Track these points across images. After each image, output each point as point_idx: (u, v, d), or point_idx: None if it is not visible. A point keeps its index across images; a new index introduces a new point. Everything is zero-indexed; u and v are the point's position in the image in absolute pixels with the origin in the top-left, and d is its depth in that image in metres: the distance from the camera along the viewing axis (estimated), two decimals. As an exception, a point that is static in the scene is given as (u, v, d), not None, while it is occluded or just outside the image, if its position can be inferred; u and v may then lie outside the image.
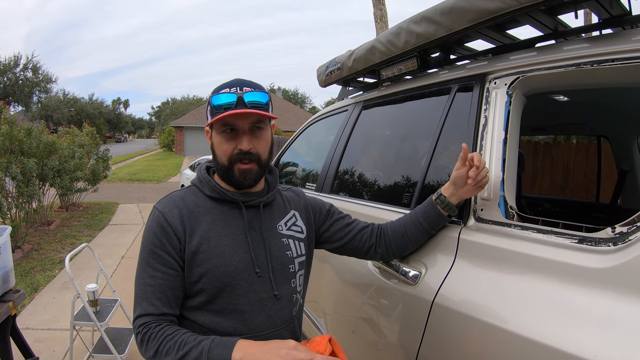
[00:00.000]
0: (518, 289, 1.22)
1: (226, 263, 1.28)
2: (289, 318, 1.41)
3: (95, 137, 11.08)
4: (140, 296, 1.26)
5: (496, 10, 1.48)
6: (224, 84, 1.34)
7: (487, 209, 1.42)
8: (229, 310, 1.29)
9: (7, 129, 6.39)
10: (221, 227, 1.33)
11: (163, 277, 1.26)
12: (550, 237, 1.22)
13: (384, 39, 2.08)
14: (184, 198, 1.36)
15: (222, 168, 1.35)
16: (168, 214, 1.29)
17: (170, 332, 1.20)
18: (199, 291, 1.28)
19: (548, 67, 1.42)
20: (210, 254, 1.27)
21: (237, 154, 1.31)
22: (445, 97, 1.81)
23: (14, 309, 2.51)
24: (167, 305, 1.26)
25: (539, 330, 1.09)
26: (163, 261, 1.26)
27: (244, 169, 1.32)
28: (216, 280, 1.27)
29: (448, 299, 1.39)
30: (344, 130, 2.64)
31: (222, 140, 1.32)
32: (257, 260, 1.34)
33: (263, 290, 1.33)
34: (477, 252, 1.39)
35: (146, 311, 1.24)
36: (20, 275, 5.48)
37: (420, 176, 1.80)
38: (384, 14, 9.85)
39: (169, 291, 1.26)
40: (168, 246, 1.27)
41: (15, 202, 6.51)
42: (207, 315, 1.29)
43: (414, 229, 1.56)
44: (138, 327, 1.23)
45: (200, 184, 1.39)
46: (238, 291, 1.29)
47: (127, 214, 10.29)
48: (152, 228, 1.29)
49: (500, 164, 1.43)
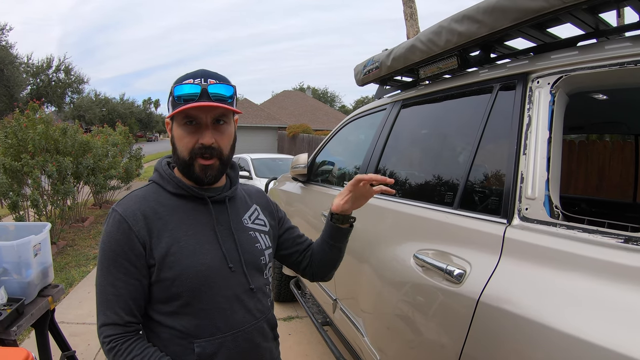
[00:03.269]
0: (564, 287, 1.21)
1: (199, 262, 1.24)
2: (266, 308, 1.40)
3: (128, 136, 11.30)
4: (102, 304, 1.22)
5: (539, 10, 1.46)
6: (187, 74, 1.28)
7: (532, 208, 1.41)
8: (208, 310, 1.25)
9: (44, 129, 6.56)
10: (189, 225, 1.28)
11: (125, 286, 1.21)
12: (596, 236, 1.21)
13: (424, 37, 2.07)
14: (146, 198, 1.30)
15: (182, 163, 1.29)
16: (130, 218, 1.22)
17: (139, 352, 1.19)
18: (174, 295, 1.23)
19: (591, 67, 1.40)
20: (181, 255, 1.23)
21: (199, 149, 1.25)
22: (487, 96, 1.80)
23: (52, 303, 2.57)
24: (130, 314, 1.22)
25: (587, 330, 1.08)
26: (125, 270, 1.21)
27: (204, 165, 1.27)
28: (190, 281, 1.22)
29: (494, 298, 1.38)
30: (382, 129, 2.64)
31: (183, 134, 1.26)
32: (229, 255, 1.31)
33: (238, 284, 1.31)
34: (523, 251, 1.38)
35: (111, 320, 1.20)
36: (55, 271, 5.58)
37: (462, 175, 1.80)
38: (414, 11, 9.79)
39: (131, 301, 1.22)
40: (130, 254, 1.21)
41: (50, 200, 6.68)
42: (186, 319, 1.25)
43: (327, 248, 1.54)
44: (104, 337, 1.20)
45: (163, 181, 1.34)
46: (214, 289, 1.26)
47: (157, 212, 10.39)
48: (113, 234, 1.22)
49: (545, 163, 1.42)
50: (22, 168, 6.15)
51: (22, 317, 2.25)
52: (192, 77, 1.24)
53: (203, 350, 1.23)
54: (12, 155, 6.47)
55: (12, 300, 2.25)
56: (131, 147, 11.36)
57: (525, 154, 1.49)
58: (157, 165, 1.39)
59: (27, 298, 2.36)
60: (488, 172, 1.75)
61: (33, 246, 2.40)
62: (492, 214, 1.58)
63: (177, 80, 1.27)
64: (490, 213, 1.60)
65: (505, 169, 1.57)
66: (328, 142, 3.71)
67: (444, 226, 1.77)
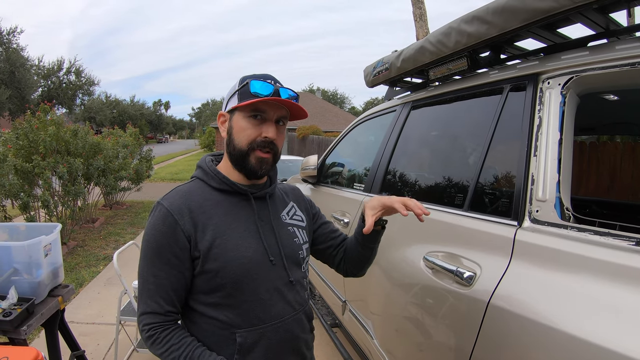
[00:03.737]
0: (575, 290, 1.20)
1: (242, 255, 1.28)
2: (304, 301, 1.45)
3: (139, 137, 11.34)
4: (144, 293, 1.27)
5: (549, 10, 1.45)
6: (256, 75, 1.33)
7: (543, 210, 1.40)
8: (250, 301, 1.29)
9: (55, 130, 6.60)
10: (232, 220, 1.33)
11: (167, 277, 1.25)
12: (607, 239, 1.20)
13: (433, 39, 2.06)
14: (190, 192, 1.34)
15: (238, 153, 1.33)
16: (176, 212, 1.27)
17: (177, 341, 1.24)
18: (217, 286, 1.27)
19: (602, 67, 1.39)
20: (225, 248, 1.27)
21: (261, 141, 1.31)
22: (497, 97, 1.79)
23: (62, 303, 2.59)
24: (171, 304, 1.27)
25: (598, 333, 1.07)
26: (168, 262, 1.25)
27: (262, 158, 1.32)
28: (234, 273, 1.26)
29: (504, 301, 1.37)
30: (392, 131, 2.64)
31: (247, 125, 1.31)
32: (270, 249, 1.35)
33: (278, 277, 1.35)
34: (533, 253, 1.37)
35: (151, 309, 1.25)
36: (65, 271, 5.64)
37: (473, 177, 1.79)
38: (424, 12, 9.75)
39: (172, 291, 1.27)
40: (175, 247, 1.25)
41: (61, 200, 6.73)
42: (228, 310, 1.29)
43: (360, 248, 1.55)
44: (144, 325, 1.26)
45: (207, 177, 1.38)
46: (256, 281, 1.30)
47: (168, 213, 10.42)
48: (158, 227, 1.26)
49: (556, 164, 1.41)
50: (33, 169, 6.20)
51: (32, 317, 2.27)
52: (263, 78, 1.31)
53: (244, 340, 1.27)
54: (24, 156, 6.52)
55: (23, 300, 2.28)
56: (141, 148, 11.39)
57: (536, 156, 1.48)
58: (201, 162, 1.44)
59: (37, 298, 2.38)
60: (498, 173, 1.74)
61: (44, 246, 2.42)
62: (503, 216, 1.57)
63: (247, 77, 1.32)
64: (501, 215, 1.59)
65: (516, 171, 1.56)
66: (338, 143, 3.70)
67: (454, 228, 1.76)
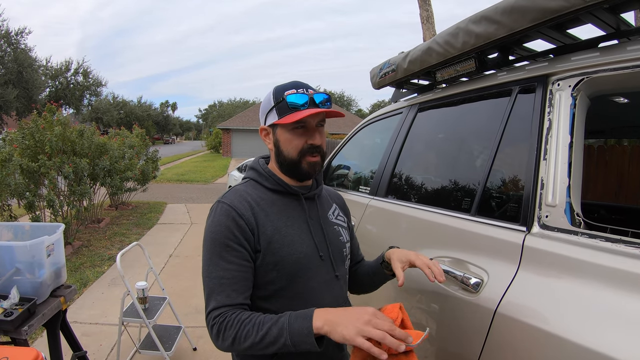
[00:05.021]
0: (584, 299, 1.17)
1: (296, 250, 1.37)
2: (346, 295, 1.56)
3: (145, 138, 11.39)
4: (214, 290, 1.30)
5: (559, 9, 1.42)
6: (286, 85, 1.41)
7: (553, 216, 1.37)
8: (301, 293, 1.37)
9: (61, 130, 6.63)
10: (286, 218, 1.41)
11: (238, 269, 1.31)
12: (619, 245, 1.17)
13: (440, 39, 2.03)
14: (247, 192, 1.42)
15: (289, 162, 1.41)
16: (239, 207, 1.34)
17: (247, 317, 1.25)
18: (272, 279, 1.35)
19: (613, 68, 1.36)
20: (282, 243, 1.35)
21: (309, 148, 1.39)
22: (505, 99, 1.75)
23: (64, 304, 2.59)
24: (242, 296, 1.31)
25: (606, 343, 1.04)
26: (237, 254, 1.31)
27: (313, 162, 1.40)
28: (289, 267, 1.35)
29: (511, 309, 1.34)
30: (399, 133, 2.61)
31: (293, 137, 1.38)
32: (319, 245, 1.44)
33: (326, 272, 1.44)
34: (542, 260, 1.34)
35: (222, 303, 1.28)
36: (70, 271, 5.67)
37: (481, 181, 1.76)
38: (430, 14, 9.73)
39: (243, 282, 1.32)
40: (242, 239, 1.31)
41: (67, 200, 6.75)
42: (280, 301, 1.36)
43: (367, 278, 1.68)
44: (214, 318, 1.27)
45: (261, 178, 1.47)
46: (308, 275, 1.38)
47: (175, 214, 10.52)
48: (223, 222, 1.32)
49: (566, 168, 1.38)
50: (39, 169, 6.22)
51: (34, 317, 2.26)
52: (294, 87, 1.38)
53: None
54: (30, 156, 6.54)
55: (24, 300, 2.27)
56: (148, 149, 11.43)
57: (546, 159, 1.45)
58: (254, 164, 1.53)
59: (39, 298, 2.38)
60: (507, 177, 1.70)
61: (46, 246, 2.42)
62: (511, 221, 1.54)
63: (278, 90, 1.40)
64: (509, 220, 1.55)
65: (525, 175, 1.53)
66: (343, 146, 3.67)
67: (461, 233, 1.73)
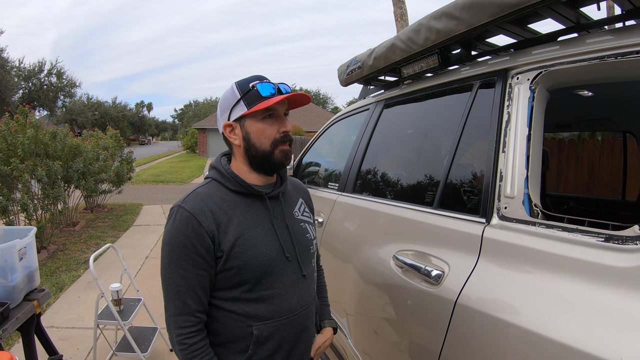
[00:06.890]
0: (543, 288, 1.19)
1: (260, 253, 1.34)
2: (314, 294, 1.55)
3: (119, 139, 11.24)
4: (172, 296, 1.31)
5: (517, 4, 1.44)
6: (249, 78, 1.40)
7: (511, 207, 1.39)
8: (267, 296, 1.36)
9: (33, 133, 6.50)
10: (250, 220, 1.38)
11: (195, 277, 1.30)
12: (576, 235, 1.19)
13: (403, 36, 2.04)
14: (209, 195, 1.38)
15: (262, 155, 1.39)
16: (199, 215, 1.30)
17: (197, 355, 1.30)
18: (237, 283, 1.33)
19: (571, 61, 1.38)
20: (246, 247, 1.33)
21: (282, 137, 1.39)
22: (467, 94, 1.78)
23: (38, 307, 2.56)
24: (199, 303, 1.32)
25: (565, 331, 1.06)
26: (195, 263, 1.29)
27: (286, 150, 1.41)
28: (254, 271, 1.33)
29: (471, 299, 1.36)
30: (365, 130, 2.62)
31: (265, 127, 1.37)
32: (285, 245, 1.42)
33: (293, 272, 1.43)
34: (501, 251, 1.36)
35: (180, 311, 1.30)
36: (45, 275, 5.57)
37: (443, 174, 1.78)
38: (404, 12, 9.76)
39: (201, 290, 1.31)
40: (200, 249, 1.29)
41: (40, 204, 6.62)
42: (246, 304, 1.35)
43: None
44: (173, 328, 1.31)
45: (223, 179, 1.42)
46: (273, 277, 1.37)
47: (151, 215, 10.40)
48: (182, 230, 1.29)
49: (524, 161, 1.40)
50: (12, 172, 6.08)
51: (7, 321, 2.24)
52: (258, 79, 1.38)
53: (261, 332, 1.35)
54: (2, 159, 6.39)
55: (-3, 304, 2.23)
56: (122, 150, 11.28)
57: (505, 152, 1.47)
58: (216, 163, 1.48)
59: (12, 302, 2.35)
60: (468, 171, 1.73)
61: (18, 250, 2.39)
62: (471, 213, 1.56)
63: (243, 83, 1.38)
64: (470, 212, 1.57)
65: (485, 168, 1.55)
66: (314, 143, 3.68)
67: (424, 226, 1.75)
